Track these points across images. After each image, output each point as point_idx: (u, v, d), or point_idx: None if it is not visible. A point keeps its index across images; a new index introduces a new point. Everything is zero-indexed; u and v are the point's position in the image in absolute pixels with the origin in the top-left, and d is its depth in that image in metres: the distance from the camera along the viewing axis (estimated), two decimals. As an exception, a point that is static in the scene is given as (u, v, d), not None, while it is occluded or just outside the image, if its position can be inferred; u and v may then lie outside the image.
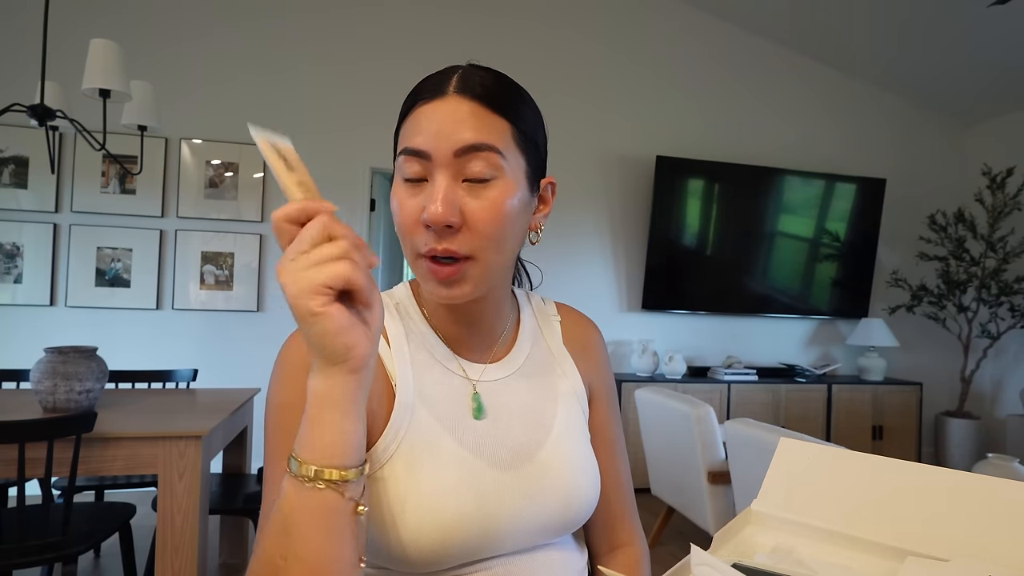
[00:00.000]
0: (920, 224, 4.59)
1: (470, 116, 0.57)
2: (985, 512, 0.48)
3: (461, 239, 0.57)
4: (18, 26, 3.31)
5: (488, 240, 0.58)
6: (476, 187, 0.57)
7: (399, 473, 0.58)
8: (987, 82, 4.24)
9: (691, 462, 2.61)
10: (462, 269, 0.58)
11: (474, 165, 0.57)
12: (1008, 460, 2.56)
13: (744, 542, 0.54)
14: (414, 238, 0.58)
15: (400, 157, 0.58)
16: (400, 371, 0.63)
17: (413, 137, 0.58)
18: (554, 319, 0.77)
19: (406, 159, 0.58)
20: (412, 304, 0.68)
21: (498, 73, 0.63)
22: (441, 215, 0.55)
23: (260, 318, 3.59)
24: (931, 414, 4.56)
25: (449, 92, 0.58)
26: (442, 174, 0.56)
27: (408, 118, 0.60)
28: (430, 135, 0.56)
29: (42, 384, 1.85)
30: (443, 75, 0.60)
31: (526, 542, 0.63)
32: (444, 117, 0.57)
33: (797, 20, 4.12)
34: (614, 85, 4.13)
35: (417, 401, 0.62)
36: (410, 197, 0.58)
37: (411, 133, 0.58)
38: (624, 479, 0.77)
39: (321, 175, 3.67)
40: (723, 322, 4.32)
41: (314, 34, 3.68)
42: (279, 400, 0.58)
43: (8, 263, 3.31)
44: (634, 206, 4.15)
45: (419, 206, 0.57)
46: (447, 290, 0.59)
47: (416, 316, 0.68)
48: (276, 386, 0.59)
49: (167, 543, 1.78)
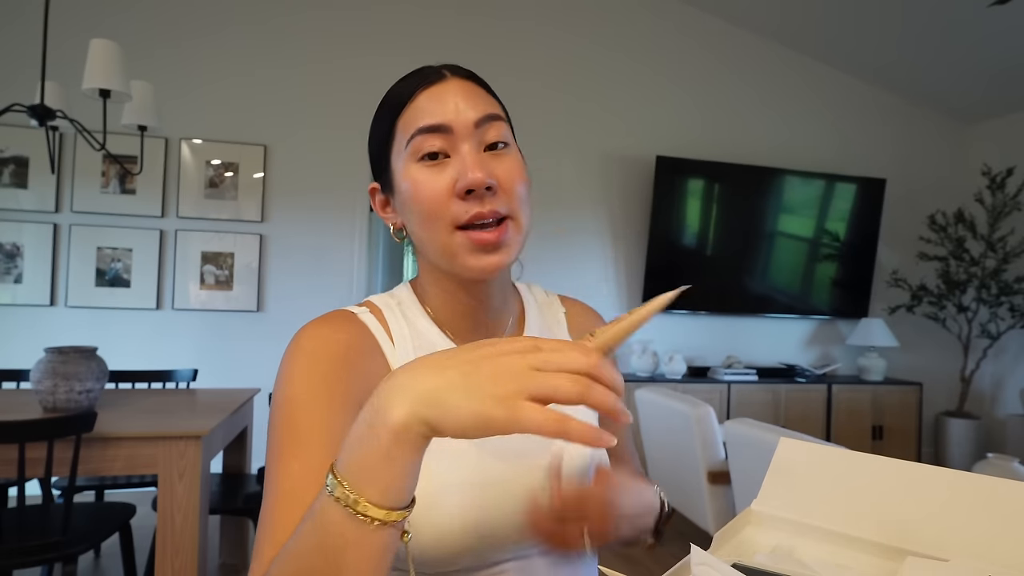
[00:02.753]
0: (920, 224, 4.59)
1: (476, 92, 0.61)
2: (985, 512, 0.48)
3: (499, 200, 0.59)
4: (18, 26, 3.32)
5: (519, 200, 0.60)
6: (497, 153, 0.60)
7: None
8: (987, 82, 4.24)
9: (691, 462, 2.61)
10: (506, 229, 0.59)
11: (491, 133, 0.60)
12: (1008, 460, 2.57)
13: (744, 542, 0.54)
14: (450, 210, 0.58)
15: (416, 138, 0.59)
16: None
17: (426, 117, 0.59)
18: (559, 310, 0.77)
19: (425, 137, 0.58)
20: (415, 303, 0.68)
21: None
22: (482, 178, 0.56)
23: (260, 318, 3.59)
24: (931, 414, 4.56)
25: (448, 76, 0.61)
26: (467, 144, 0.58)
27: (409, 106, 0.60)
28: (448, 110, 0.58)
29: (42, 384, 1.85)
30: (427, 68, 0.62)
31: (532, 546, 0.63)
32: (456, 94, 0.59)
33: (797, 20, 4.12)
34: (614, 85, 4.13)
35: None
36: (435, 175, 0.58)
37: (421, 115, 0.59)
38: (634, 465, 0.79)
39: (321, 176, 3.67)
40: (723, 322, 4.32)
41: (314, 34, 3.68)
42: (288, 394, 0.56)
43: (8, 263, 3.31)
44: (634, 206, 4.15)
45: (448, 179, 0.58)
46: (489, 257, 0.59)
47: (419, 314, 0.67)
48: (286, 380, 0.57)
49: (167, 543, 1.78)
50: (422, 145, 0.58)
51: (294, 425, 0.54)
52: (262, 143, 3.61)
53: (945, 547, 0.47)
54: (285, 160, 3.65)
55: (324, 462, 0.51)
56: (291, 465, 0.53)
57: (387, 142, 0.62)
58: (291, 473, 0.52)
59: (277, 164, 3.64)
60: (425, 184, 0.58)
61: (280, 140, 3.64)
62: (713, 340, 4.29)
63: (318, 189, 3.66)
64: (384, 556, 0.41)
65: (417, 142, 0.59)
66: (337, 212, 3.70)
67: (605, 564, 0.77)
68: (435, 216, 0.58)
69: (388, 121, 0.62)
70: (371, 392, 0.49)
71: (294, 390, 0.56)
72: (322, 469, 0.49)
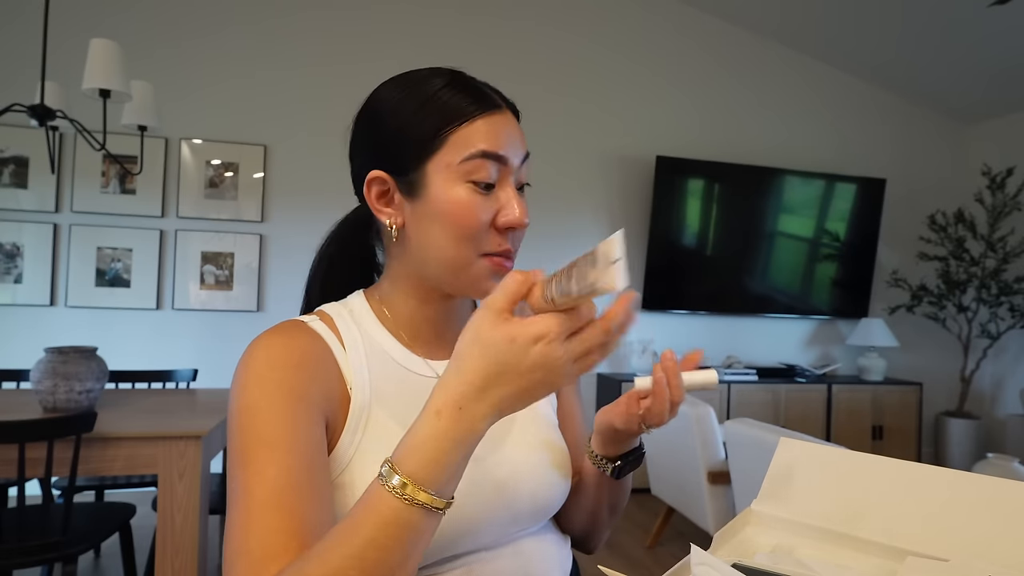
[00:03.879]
0: (920, 224, 4.59)
1: (519, 129, 0.64)
2: (985, 512, 0.48)
3: (517, 238, 0.64)
4: (18, 26, 3.32)
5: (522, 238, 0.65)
6: (522, 195, 0.64)
7: (356, 478, 0.59)
8: (987, 82, 4.24)
9: (691, 462, 2.61)
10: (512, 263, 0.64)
11: (525, 173, 0.64)
12: (1008, 460, 2.57)
13: (744, 542, 0.54)
14: (484, 239, 0.61)
15: (474, 160, 0.59)
16: (356, 374, 0.63)
17: (487, 143, 0.60)
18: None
19: (483, 163, 0.59)
20: (367, 311, 0.69)
21: None
22: (527, 223, 0.62)
23: (260, 318, 3.59)
24: (931, 414, 4.56)
25: (503, 106, 0.63)
26: (511, 181, 0.62)
27: (469, 124, 0.60)
28: (506, 143, 0.61)
29: (42, 384, 1.85)
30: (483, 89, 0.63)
31: (500, 534, 0.64)
32: (511, 127, 0.62)
33: (797, 19, 4.12)
34: (614, 85, 4.13)
35: (373, 403, 0.63)
36: (482, 202, 0.60)
37: (482, 139, 0.60)
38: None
39: (321, 176, 3.67)
40: (723, 322, 4.32)
41: (314, 34, 3.68)
42: (248, 402, 0.56)
43: (8, 263, 3.31)
44: (634, 206, 4.15)
45: (492, 210, 0.60)
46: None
47: (372, 322, 0.68)
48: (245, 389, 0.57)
49: (167, 543, 1.78)
50: (478, 169, 0.59)
51: (260, 431, 0.55)
52: (262, 143, 3.61)
53: (945, 547, 0.47)
54: (285, 160, 3.65)
55: (294, 465, 0.53)
56: (266, 471, 0.53)
57: (427, 146, 0.60)
58: (267, 479, 0.52)
59: (277, 164, 3.64)
60: (472, 208, 0.60)
61: (280, 140, 3.64)
62: (713, 340, 4.29)
63: (318, 189, 3.66)
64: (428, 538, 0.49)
65: (474, 164, 0.59)
66: (337, 212, 3.63)
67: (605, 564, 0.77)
68: (469, 239, 0.60)
69: (434, 126, 0.60)
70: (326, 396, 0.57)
71: (254, 397, 0.56)
72: (295, 472, 0.53)
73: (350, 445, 0.60)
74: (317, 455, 0.56)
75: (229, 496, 0.54)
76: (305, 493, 0.53)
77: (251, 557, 0.50)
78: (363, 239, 0.76)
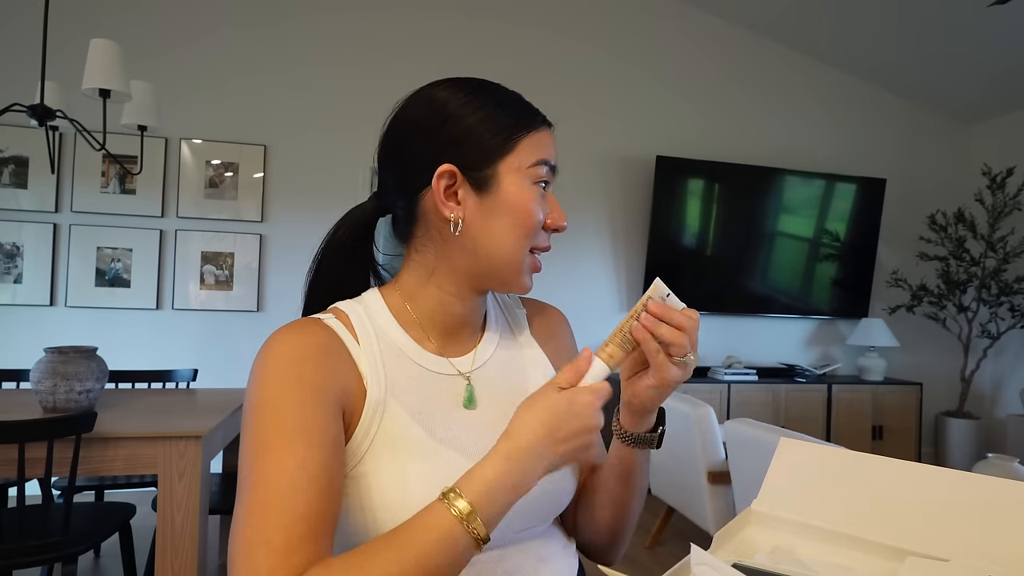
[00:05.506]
0: (920, 224, 4.59)
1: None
2: (985, 512, 0.48)
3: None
4: (18, 26, 3.32)
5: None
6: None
7: (370, 470, 0.60)
8: (987, 82, 4.24)
9: (691, 462, 2.61)
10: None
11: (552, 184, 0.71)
12: (1008, 460, 2.56)
13: (744, 542, 0.54)
14: (538, 235, 0.68)
15: (542, 167, 0.67)
16: (371, 369, 0.64)
17: (548, 153, 0.68)
18: (518, 311, 0.82)
19: (546, 170, 0.68)
20: (382, 308, 0.70)
21: None
22: (566, 224, 0.71)
23: (260, 318, 3.59)
24: (931, 414, 4.56)
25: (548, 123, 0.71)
26: (551, 189, 0.70)
27: (536, 133, 0.68)
28: (554, 155, 0.69)
29: (42, 384, 1.85)
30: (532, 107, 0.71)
31: (505, 531, 0.64)
32: (553, 144, 0.70)
33: (797, 19, 4.12)
34: (614, 86, 4.13)
35: (388, 398, 0.64)
36: (542, 203, 0.68)
37: (545, 149, 0.68)
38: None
39: (321, 176, 3.67)
40: (723, 322, 4.32)
41: (314, 35, 3.68)
42: (268, 395, 0.57)
43: (8, 263, 3.31)
44: (634, 206, 4.15)
45: (545, 211, 0.68)
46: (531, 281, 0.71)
47: (387, 319, 0.69)
48: (263, 383, 0.58)
49: (167, 543, 1.78)
50: (540, 174, 0.67)
51: (280, 424, 0.56)
52: (262, 143, 3.61)
53: (945, 547, 0.47)
54: (285, 160, 3.65)
55: (313, 457, 0.55)
56: (285, 462, 0.54)
57: (502, 147, 0.65)
58: (287, 470, 0.54)
59: (277, 164, 3.64)
60: (536, 208, 0.67)
61: (280, 140, 3.64)
62: (713, 340, 4.29)
63: (318, 189, 3.66)
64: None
65: (542, 170, 0.67)
66: (337, 212, 3.61)
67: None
68: (529, 236, 0.67)
69: (511, 130, 0.66)
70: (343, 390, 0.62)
71: (273, 391, 0.58)
72: (313, 465, 0.55)
73: (364, 438, 0.62)
74: (334, 448, 0.58)
75: (241, 489, 0.55)
76: (323, 485, 0.55)
77: (271, 547, 0.51)
78: (363, 238, 0.77)
